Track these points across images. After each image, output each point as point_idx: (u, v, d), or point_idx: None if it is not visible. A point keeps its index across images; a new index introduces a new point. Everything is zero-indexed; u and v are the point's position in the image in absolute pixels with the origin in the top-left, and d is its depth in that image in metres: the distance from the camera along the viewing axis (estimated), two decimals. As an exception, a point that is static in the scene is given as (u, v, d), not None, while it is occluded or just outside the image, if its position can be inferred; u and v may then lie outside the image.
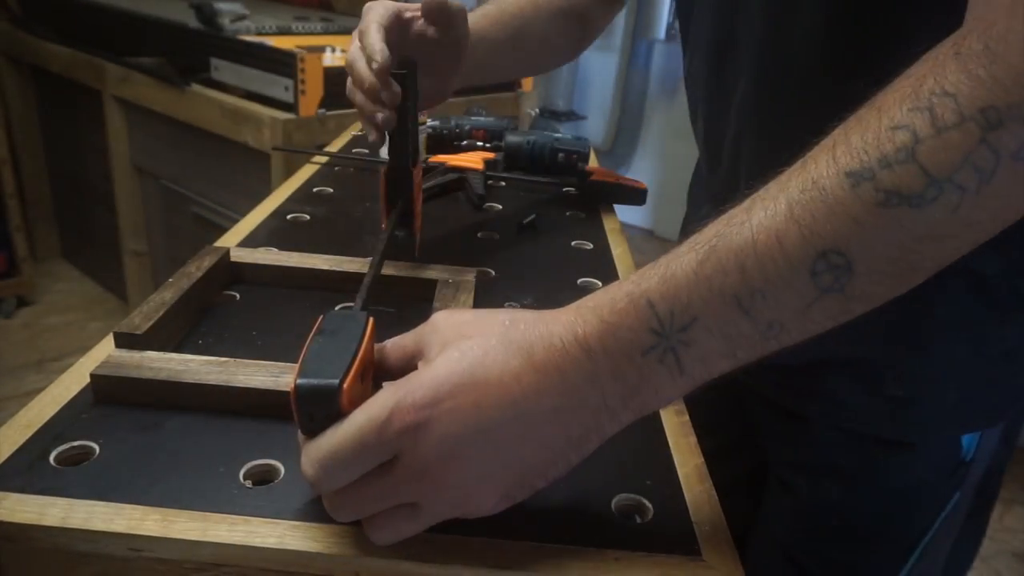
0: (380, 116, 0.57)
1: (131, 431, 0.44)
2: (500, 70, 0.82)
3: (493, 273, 0.68)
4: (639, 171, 3.50)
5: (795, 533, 0.63)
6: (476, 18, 0.71)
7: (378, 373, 0.40)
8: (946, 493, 0.58)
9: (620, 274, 0.71)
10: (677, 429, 0.50)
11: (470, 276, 0.62)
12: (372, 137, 0.59)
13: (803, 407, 0.60)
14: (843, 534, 0.60)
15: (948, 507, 0.58)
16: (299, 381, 0.34)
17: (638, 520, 0.41)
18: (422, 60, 0.60)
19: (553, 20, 0.78)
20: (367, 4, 0.62)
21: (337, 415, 0.34)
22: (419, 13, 0.63)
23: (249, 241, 0.70)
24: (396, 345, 0.41)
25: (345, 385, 0.34)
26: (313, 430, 0.35)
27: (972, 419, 0.57)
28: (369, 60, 0.56)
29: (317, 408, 0.34)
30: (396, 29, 0.61)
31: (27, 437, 0.43)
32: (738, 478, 0.70)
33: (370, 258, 0.57)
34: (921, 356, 0.54)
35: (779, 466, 0.64)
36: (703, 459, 0.47)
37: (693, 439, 0.49)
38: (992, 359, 0.54)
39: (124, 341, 0.49)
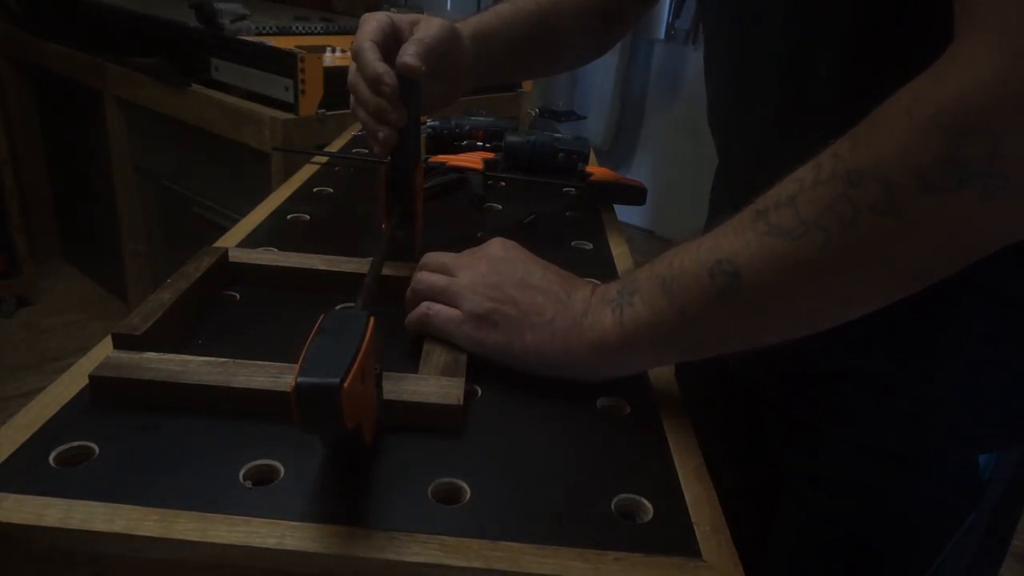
0: (382, 135, 0.59)
1: (130, 432, 0.44)
2: (517, 69, 0.81)
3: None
4: (639, 171, 3.50)
5: (806, 546, 0.63)
6: (489, 18, 0.71)
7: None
8: (961, 513, 0.57)
9: (619, 274, 0.71)
10: (677, 429, 0.50)
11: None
12: (376, 151, 0.60)
13: (816, 418, 0.59)
14: (854, 549, 0.59)
15: (962, 527, 0.57)
16: (299, 379, 0.34)
17: (638, 520, 0.41)
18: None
19: (577, 18, 0.77)
20: (363, 16, 0.62)
21: (338, 414, 0.34)
22: (414, 19, 0.63)
23: (249, 241, 0.70)
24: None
25: (346, 384, 0.34)
26: (313, 429, 0.35)
27: (989, 439, 0.56)
28: (375, 83, 0.57)
29: (317, 406, 0.34)
30: (391, 41, 0.60)
31: (27, 437, 0.43)
32: (750, 487, 0.70)
33: (370, 258, 0.57)
34: (935, 372, 0.53)
35: (792, 477, 0.63)
36: (703, 459, 0.47)
37: (693, 439, 0.49)
38: (1013, 379, 0.53)
39: (123, 342, 0.49)
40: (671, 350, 0.49)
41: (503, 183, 0.94)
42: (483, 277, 0.53)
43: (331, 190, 0.86)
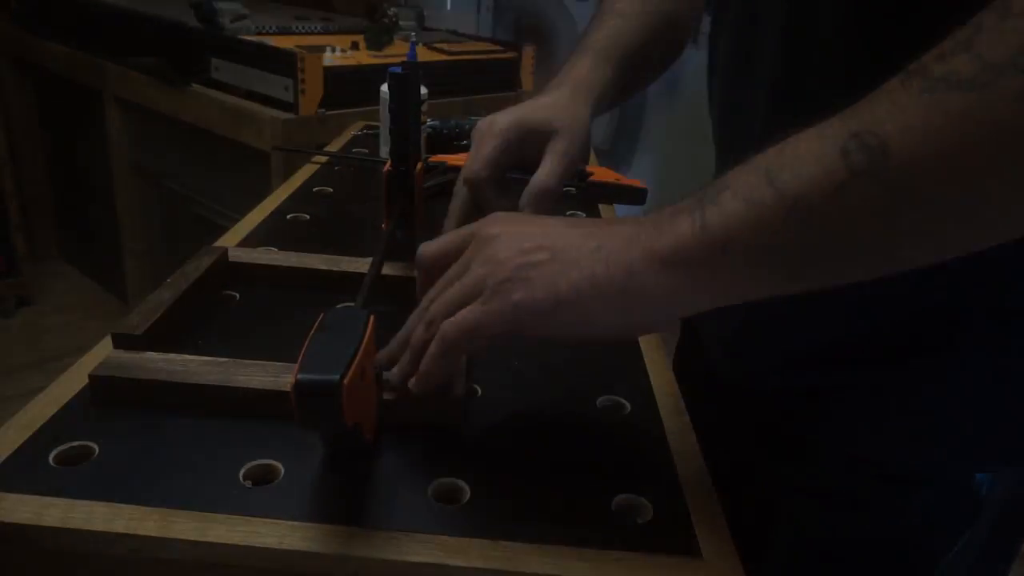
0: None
1: (130, 431, 0.44)
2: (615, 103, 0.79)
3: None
4: (639, 171, 3.49)
5: (803, 561, 0.62)
6: (603, 70, 0.66)
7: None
8: (958, 530, 0.57)
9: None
10: (677, 429, 0.50)
11: (470, 276, 0.62)
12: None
13: (811, 434, 0.59)
14: (851, 565, 0.59)
15: (959, 543, 0.57)
16: (300, 376, 0.34)
17: (638, 520, 0.41)
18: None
19: (658, 39, 0.72)
20: (475, 130, 0.57)
21: (338, 411, 0.34)
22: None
23: (249, 241, 0.70)
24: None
25: (346, 381, 0.34)
26: (313, 426, 0.35)
27: (987, 455, 0.55)
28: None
29: (317, 403, 0.34)
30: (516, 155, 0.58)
31: (27, 437, 0.43)
32: (749, 501, 0.70)
33: (370, 258, 0.57)
34: (934, 388, 0.53)
35: (787, 490, 0.63)
36: (703, 460, 0.47)
37: (694, 440, 0.49)
38: (1012, 394, 0.53)
39: (123, 342, 0.49)
40: (771, 267, 0.37)
41: (503, 183, 0.94)
42: (495, 253, 0.43)
43: (331, 190, 0.86)
